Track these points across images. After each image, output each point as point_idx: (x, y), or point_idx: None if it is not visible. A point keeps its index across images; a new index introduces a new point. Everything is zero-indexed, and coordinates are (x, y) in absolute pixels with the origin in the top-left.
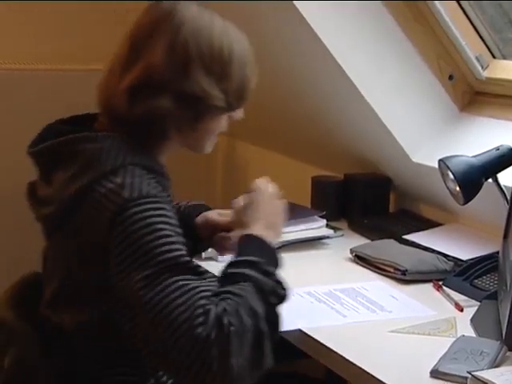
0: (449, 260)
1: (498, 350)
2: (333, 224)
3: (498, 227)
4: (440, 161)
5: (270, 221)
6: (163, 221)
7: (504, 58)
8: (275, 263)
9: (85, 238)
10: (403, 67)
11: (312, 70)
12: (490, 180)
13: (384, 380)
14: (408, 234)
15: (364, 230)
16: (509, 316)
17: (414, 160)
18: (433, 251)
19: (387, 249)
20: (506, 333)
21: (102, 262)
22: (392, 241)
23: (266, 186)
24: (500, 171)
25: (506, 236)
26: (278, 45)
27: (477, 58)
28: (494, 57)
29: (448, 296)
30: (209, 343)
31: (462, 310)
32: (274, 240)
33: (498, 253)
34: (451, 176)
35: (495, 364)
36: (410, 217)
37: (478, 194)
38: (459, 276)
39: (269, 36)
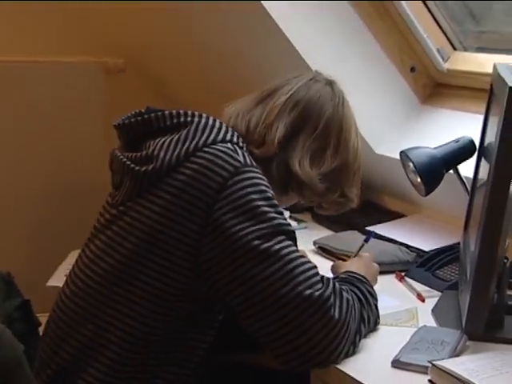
0: (411, 251)
1: (458, 339)
2: (296, 216)
3: (459, 218)
4: (401, 153)
5: (369, 275)
6: (269, 191)
7: (465, 50)
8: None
9: (188, 196)
10: (365, 60)
11: (271, 61)
12: (451, 171)
13: (345, 370)
14: (371, 225)
15: (327, 221)
16: (468, 306)
17: (376, 152)
18: (395, 242)
19: (350, 240)
20: (465, 322)
21: (199, 222)
22: (355, 232)
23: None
24: (460, 163)
25: (466, 227)
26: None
27: (438, 51)
28: (455, 49)
29: (410, 287)
30: (330, 303)
31: (423, 301)
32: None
33: (459, 244)
34: (412, 167)
35: (456, 353)
36: (374, 208)
37: (440, 186)
38: (421, 267)
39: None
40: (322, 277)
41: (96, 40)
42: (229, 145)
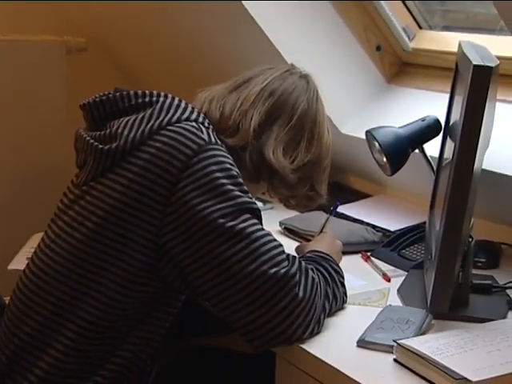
0: (377, 231)
1: (423, 318)
2: (262, 197)
3: (425, 198)
4: (367, 132)
5: (333, 253)
6: (234, 169)
7: (431, 28)
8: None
9: (151, 174)
10: (330, 39)
11: (236, 40)
12: (417, 151)
13: (310, 350)
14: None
15: None
16: (433, 285)
17: (342, 132)
18: (362, 223)
19: (316, 221)
20: (430, 301)
21: (162, 201)
22: (321, 212)
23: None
24: (426, 142)
25: (432, 206)
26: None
27: (404, 29)
28: (420, 27)
29: (376, 266)
30: (295, 281)
31: (389, 280)
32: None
33: (424, 223)
34: (378, 147)
35: (421, 332)
36: (340, 188)
37: (405, 165)
38: (387, 247)
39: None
40: (288, 255)
41: (56, 18)
42: (193, 123)
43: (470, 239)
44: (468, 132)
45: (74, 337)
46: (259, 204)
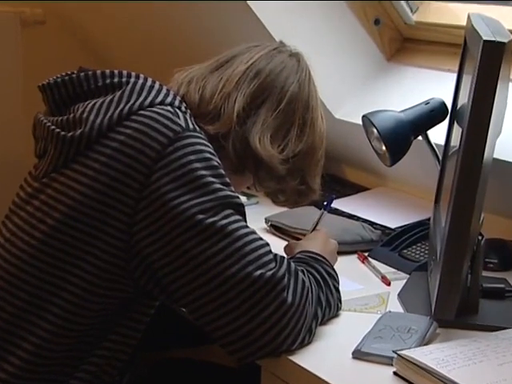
0: (375, 229)
1: (427, 326)
2: (246, 191)
3: (429, 191)
4: (364, 117)
5: (327, 254)
6: (215, 159)
7: None
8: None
9: (121, 165)
10: (323, 12)
11: (218, 15)
12: (420, 138)
13: (299, 363)
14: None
15: None
16: (438, 289)
17: (336, 116)
18: (358, 219)
19: (307, 217)
20: (435, 307)
21: (134, 195)
22: (312, 208)
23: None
24: (430, 128)
25: (437, 200)
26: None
27: (405, 0)
28: None
29: (374, 268)
30: (283, 285)
31: (389, 284)
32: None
33: (429, 220)
34: (376, 134)
35: (424, 342)
36: (334, 181)
37: (407, 154)
38: (387, 246)
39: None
40: (275, 255)
41: None
42: (169, 107)
43: (480, 237)
44: (477, 116)
45: (32, 349)
46: (242, 198)
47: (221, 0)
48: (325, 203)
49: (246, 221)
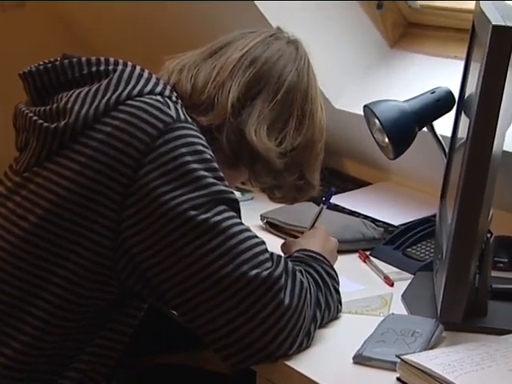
0: (378, 226)
1: (432, 329)
2: (240, 185)
3: (434, 186)
4: (365, 107)
5: (327, 253)
6: (208, 151)
7: None
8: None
9: (107, 158)
10: None
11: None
12: (425, 129)
13: (297, 368)
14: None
15: None
16: (444, 290)
17: (336, 107)
18: (359, 215)
19: (304, 214)
20: (441, 309)
21: (121, 190)
22: (310, 204)
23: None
24: (436, 118)
25: (443, 196)
26: None
27: None
28: None
29: (376, 268)
30: (280, 285)
31: (392, 285)
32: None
33: (434, 216)
34: (378, 125)
35: (429, 346)
36: (334, 175)
37: (411, 147)
38: (390, 244)
39: None
40: (272, 254)
41: None
42: (159, 97)
43: (489, 235)
44: (486, 106)
45: (13, 355)
46: (237, 194)
47: None
48: (323, 198)
49: (240, 217)
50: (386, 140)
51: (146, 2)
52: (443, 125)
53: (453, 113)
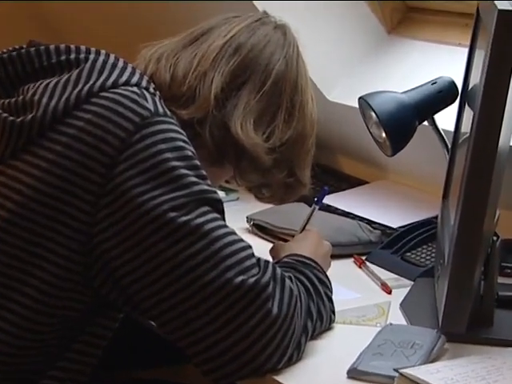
0: (374, 228)
1: (433, 340)
2: (225, 184)
3: (436, 184)
4: (361, 99)
5: (319, 257)
6: (189, 148)
7: None
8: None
9: (79, 155)
10: None
11: None
12: (426, 123)
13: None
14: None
15: None
16: (447, 297)
17: (329, 98)
18: (354, 217)
19: (295, 215)
20: (443, 319)
21: (95, 190)
22: (301, 204)
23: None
24: (438, 111)
25: (445, 195)
26: None
27: None
28: None
29: (372, 274)
30: (268, 293)
31: (390, 292)
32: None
33: (436, 218)
34: (375, 118)
35: (430, 358)
36: (326, 173)
37: (411, 142)
38: (387, 248)
39: None
40: (259, 259)
41: None
42: (135, 88)
43: (495, 238)
44: (491, 98)
45: None
46: (221, 194)
47: None
48: (315, 199)
49: (224, 219)
50: (384, 135)
51: None
52: (445, 118)
53: (456, 105)
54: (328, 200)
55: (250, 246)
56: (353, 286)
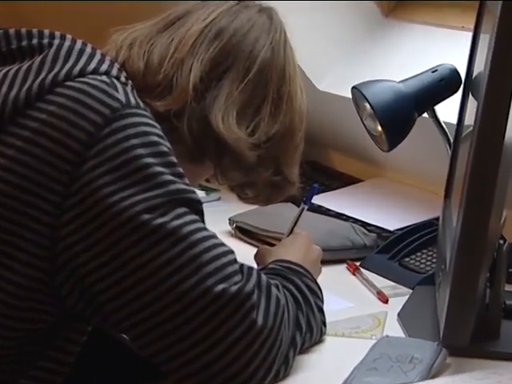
0: (369, 231)
1: (434, 354)
2: (204, 183)
3: (437, 182)
4: (354, 88)
5: (309, 263)
6: (164, 143)
7: None
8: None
9: (43, 152)
10: None
11: None
12: (426, 115)
13: None
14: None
15: None
16: (448, 307)
17: (319, 88)
18: (347, 219)
19: (282, 217)
20: (444, 330)
21: (60, 190)
22: (289, 205)
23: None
24: (439, 102)
25: (447, 194)
26: None
27: None
28: None
29: (367, 282)
30: (252, 302)
31: (386, 301)
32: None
33: (437, 219)
34: (370, 110)
35: (431, 374)
36: (316, 170)
37: (409, 136)
38: (384, 253)
39: None
40: (242, 266)
41: None
42: (104, 77)
43: (502, 241)
44: (497, 87)
45: None
46: (200, 193)
47: None
48: (303, 198)
49: (204, 221)
50: (379, 128)
51: None
52: (447, 109)
53: (458, 95)
54: (318, 200)
55: (232, 251)
56: (346, 295)
